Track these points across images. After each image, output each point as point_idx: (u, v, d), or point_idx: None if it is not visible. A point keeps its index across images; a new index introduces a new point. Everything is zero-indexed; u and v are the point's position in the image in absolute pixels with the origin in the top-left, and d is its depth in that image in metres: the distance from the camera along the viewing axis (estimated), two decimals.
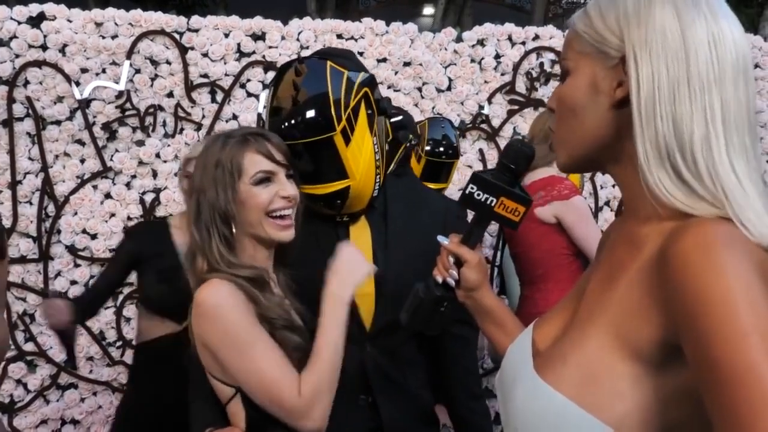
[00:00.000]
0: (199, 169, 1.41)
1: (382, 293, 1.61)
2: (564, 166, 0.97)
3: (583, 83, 0.89)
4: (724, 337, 0.67)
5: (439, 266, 1.24)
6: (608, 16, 0.86)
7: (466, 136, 3.91)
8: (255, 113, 3.71)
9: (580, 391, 0.81)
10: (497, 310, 1.24)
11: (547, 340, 0.96)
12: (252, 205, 1.38)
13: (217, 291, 1.31)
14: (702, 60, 0.79)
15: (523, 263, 2.69)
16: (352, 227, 1.66)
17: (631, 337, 0.79)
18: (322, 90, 1.47)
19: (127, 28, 3.61)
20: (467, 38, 3.92)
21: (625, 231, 0.91)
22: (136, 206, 3.63)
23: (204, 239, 1.37)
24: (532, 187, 2.57)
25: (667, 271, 0.74)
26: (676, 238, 0.74)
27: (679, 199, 0.79)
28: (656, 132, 0.79)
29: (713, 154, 0.78)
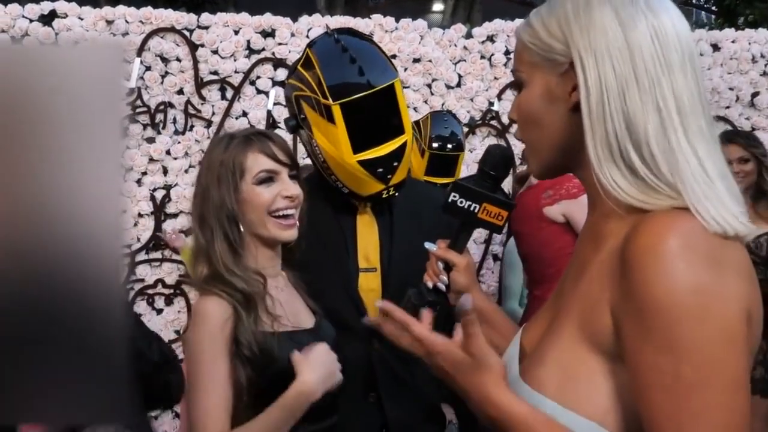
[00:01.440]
0: (204, 170, 1.43)
1: (388, 289, 1.61)
2: (536, 173, 0.99)
3: (538, 93, 0.90)
4: (657, 345, 0.71)
5: (429, 272, 1.25)
6: (550, 24, 0.87)
7: (476, 132, 3.91)
8: (264, 110, 3.72)
9: (559, 390, 0.83)
10: (489, 312, 1.25)
11: (532, 343, 0.97)
12: (255, 204, 1.39)
13: (206, 305, 1.35)
14: (647, 55, 0.80)
15: (533, 263, 2.67)
16: (359, 222, 1.66)
17: (592, 330, 0.81)
18: (371, 46, 1.58)
19: (137, 25, 3.62)
20: (477, 34, 3.91)
21: (590, 228, 0.93)
22: (146, 203, 3.65)
23: (208, 240, 1.38)
24: (539, 186, 2.56)
25: (623, 267, 0.76)
26: (633, 234, 0.76)
27: (633, 196, 0.80)
28: (606, 132, 0.81)
29: (671, 144, 0.79)
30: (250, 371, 1.32)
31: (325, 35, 1.61)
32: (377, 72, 1.52)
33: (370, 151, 1.52)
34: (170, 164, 3.68)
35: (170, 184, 3.69)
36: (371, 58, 1.54)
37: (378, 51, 1.59)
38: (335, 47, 1.55)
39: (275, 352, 1.33)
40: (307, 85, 1.55)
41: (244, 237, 1.41)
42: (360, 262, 1.63)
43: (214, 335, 1.31)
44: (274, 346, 1.33)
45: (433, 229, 1.66)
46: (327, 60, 1.54)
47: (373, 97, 1.50)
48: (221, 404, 1.31)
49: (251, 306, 1.35)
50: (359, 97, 1.48)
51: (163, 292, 3.69)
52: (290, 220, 1.42)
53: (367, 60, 1.52)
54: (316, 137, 1.55)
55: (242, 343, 1.32)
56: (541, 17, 0.89)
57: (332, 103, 1.48)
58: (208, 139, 3.68)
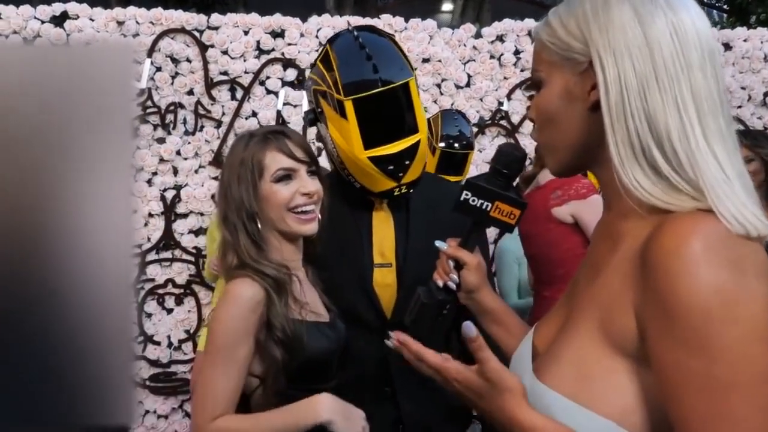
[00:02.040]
0: (226, 169, 1.46)
1: (404, 284, 1.61)
2: (554, 172, 0.98)
3: (556, 92, 0.90)
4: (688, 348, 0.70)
5: (439, 270, 1.24)
6: (569, 23, 0.87)
7: (486, 132, 3.90)
8: (274, 110, 3.73)
9: (575, 389, 0.82)
10: (499, 310, 1.25)
11: (545, 342, 0.97)
12: (274, 202, 1.41)
13: (240, 287, 1.34)
14: (666, 52, 0.80)
15: (541, 264, 2.66)
16: (374, 218, 1.66)
17: (613, 332, 0.80)
18: (389, 43, 1.58)
19: (148, 26, 3.64)
20: (486, 34, 3.90)
21: (606, 227, 0.92)
22: (156, 203, 3.67)
23: (233, 235, 1.40)
24: (548, 186, 2.55)
25: (645, 269, 0.76)
26: (656, 235, 0.76)
27: (656, 197, 0.79)
28: (628, 130, 0.80)
29: (690, 144, 0.78)
30: (285, 354, 1.33)
31: (345, 32, 1.62)
32: (392, 70, 1.52)
33: (381, 148, 1.52)
34: (180, 164, 3.69)
35: (180, 184, 3.70)
36: (387, 56, 1.55)
37: (396, 49, 1.59)
38: (353, 44, 1.55)
39: (305, 339, 1.34)
40: (323, 80, 1.56)
41: (266, 233, 1.43)
42: (375, 257, 1.63)
43: (245, 316, 1.32)
44: (303, 333, 1.35)
45: (449, 225, 1.66)
46: (344, 56, 1.55)
47: (385, 95, 1.50)
48: (231, 387, 1.32)
49: (282, 291, 1.36)
50: (371, 94, 1.49)
51: (173, 292, 3.71)
52: (310, 215, 1.43)
53: (383, 57, 1.53)
54: (331, 132, 1.56)
55: (276, 326, 1.33)
56: (560, 16, 0.89)
57: (344, 98, 1.49)
58: (218, 140, 3.70)
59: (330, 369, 1.43)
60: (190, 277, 3.71)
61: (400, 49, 1.60)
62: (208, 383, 1.31)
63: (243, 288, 1.34)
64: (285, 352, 1.33)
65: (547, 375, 0.87)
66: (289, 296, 1.39)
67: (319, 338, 1.39)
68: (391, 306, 1.62)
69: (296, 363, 1.34)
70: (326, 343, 1.40)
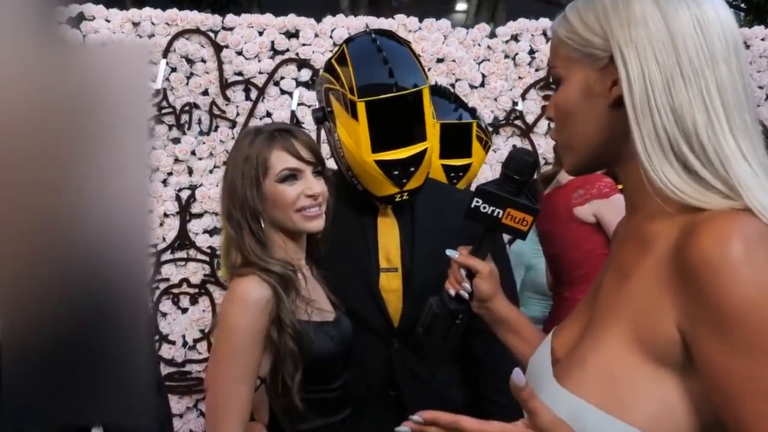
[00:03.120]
0: (230, 165, 1.44)
1: (410, 289, 1.61)
2: (572, 170, 0.96)
3: (576, 89, 0.88)
4: (746, 353, 0.67)
5: (451, 279, 1.23)
6: (588, 17, 0.85)
7: (500, 132, 3.88)
8: (288, 110, 3.73)
9: (602, 395, 0.80)
10: (513, 318, 1.23)
11: (565, 347, 0.95)
12: (279, 203, 1.39)
13: (246, 287, 1.33)
14: (690, 45, 0.78)
15: (561, 264, 2.63)
16: (380, 222, 1.66)
17: (647, 336, 0.78)
18: (406, 50, 1.58)
19: (163, 27, 3.66)
20: (501, 34, 3.88)
21: (632, 229, 0.89)
22: (172, 203, 3.69)
23: (237, 233, 1.39)
24: (569, 185, 2.53)
25: (685, 272, 0.73)
26: (691, 237, 0.73)
27: (688, 194, 0.77)
28: (655, 126, 0.78)
29: (719, 139, 0.76)
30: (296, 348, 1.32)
31: (364, 33, 1.62)
32: (407, 76, 1.52)
33: (388, 152, 1.52)
34: (195, 164, 3.71)
35: (195, 184, 3.72)
36: (404, 62, 1.55)
37: (413, 57, 1.59)
38: (371, 46, 1.56)
39: (311, 340, 1.34)
40: (337, 79, 1.56)
41: (269, 232, 1.41)
42: (381, 262, 1.63)
43: (256, 319, 1.31)
44: (309, 334, 1.34)
45: (455, 231, 1.65)
46: (361, 58, 1.56)
47: (398, 100, 1.50)
48: (250, 392, 1.31)
49: (289, 288, 1.35)
50: (385, 98, 1.48)
51: (188, 292, 3.72)
52: (316, 210, 1.42)
53: (399, 63, 1.53)
54: (339, 131, 1.56)
55: (286, 323, 1.32)
56: (578, 11, 0.87)
57: (358, 99, 1.49)
58: (233, 140, 3.70)
59: (334, 370, 1.41)
60: (205, 276, 3.72)
61: (416, 57, 1.60)
62: (228, 392, 1.29)
63: (250, 288, 1.32)
64: (297, 347, 1.32)
65: (570, 380, 0.85)
66: (296, 294, 1.37)
67: (324, 339, 1.37)
68: (398, 311, 1.62)
69: (305, 363, 1.33)
70: (330, 344, 1.39)
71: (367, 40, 1.59)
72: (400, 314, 1.62)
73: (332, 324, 1.44)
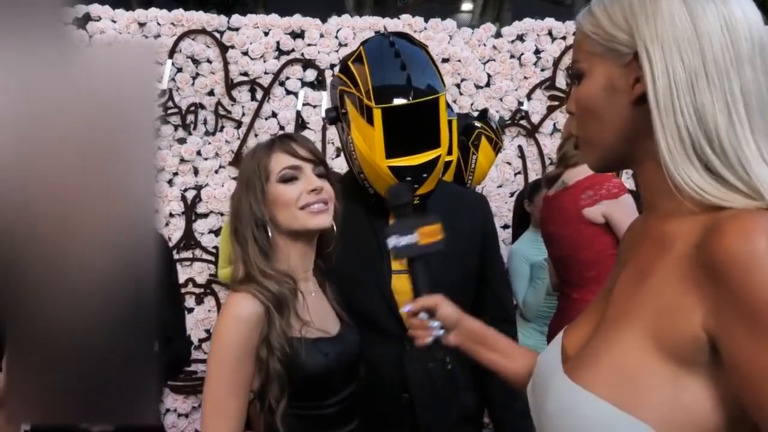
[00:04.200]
0: (238, 181, 1.45)
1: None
2: (594, 167, 0.95)
3: (599, 84, 0.87)
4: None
5: (418, 333, 1.23)
6: (614, 13, 0.84)
7: (506, 132, 3.88)
8: (294, 110, 3.74)
9: (616, 392, 0.79)
10: (488, 334, 1.24)
11: (576, 345, 0.94)
12: (282, 202, 1.38)
13: (238, 303, 1.34)
14: (717, 46, 0.77)
15: (570, 265, 2.61)
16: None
17: (668, 336, 0.77)
18: (424, 56, 1.56)
19: (169, 27, 3.67)
20: (506, 34, 3.88)
21: (649, 229, 0.88)
22: (177, 203, 3.70)
23: (243, 248, 1.39)
24: (577, 186, 2.50)
25: (711, 271, 0.72)
26: (715, 234, 0.72)
27: (710, 194, 0.76)
28: (677, 126, 0.77)
29: (741, 142, 0.76)
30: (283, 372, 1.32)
31: (381, 36, 1.61)
32: (425, 83, 1.51)
33: (402, 158, 1.51)
34: (201, 165, 3.72)
35: (201, 184, 3.73)
36: (422, 68, 1.53)
37: (430, 62, 1.57)
38: (389, 50, 1.54)
39: (301, 358, 1.33)
40: (353, 81, 1.55)
41: (276, 239, 1.41)
42: (393, 263, 1.63)
43: (247, 336, 1.31)
44: (300, 351, 1.33)
45: (465, 232, 1.65)
46: (378, 62, 1.54)
47: (415, 108, 1.49)
48: (242, 406, 1.31)
49: (283, 309, 1.35)
50: (402, 105, 1.48)
51: (193, 291, 3.73)
52: (320, 205, 1.40)
53: (417, 69, 1.51)
54: (353, 135, 1.55)
55: (275, 347, 1.32)
56: (604, 6, 0.86)
57: (374, 105, 1.48)
58: (238, 140, 3.72)
59: (329, 387, 1.40)
60: (211, 276, 3.73)
61: (433, 62, 1.58)
62: (220, 405, 1.30)
63: (242, 305, 1.33)
64: (284, 370, 1.32)
65: (583, 377, 0.84)
66: (290, 312, 1.37)
67: (317, 357, 1.36)
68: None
69: (293, 382, 1.33)
70: (323, 361, 1.37)
71: (385, 43, 1.57)
72: None
73: (329, 340, 1.42)
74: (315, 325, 1.39)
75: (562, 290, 2.73)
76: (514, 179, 3.91)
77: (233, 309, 1.34)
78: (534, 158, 3.92)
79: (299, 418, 1.33)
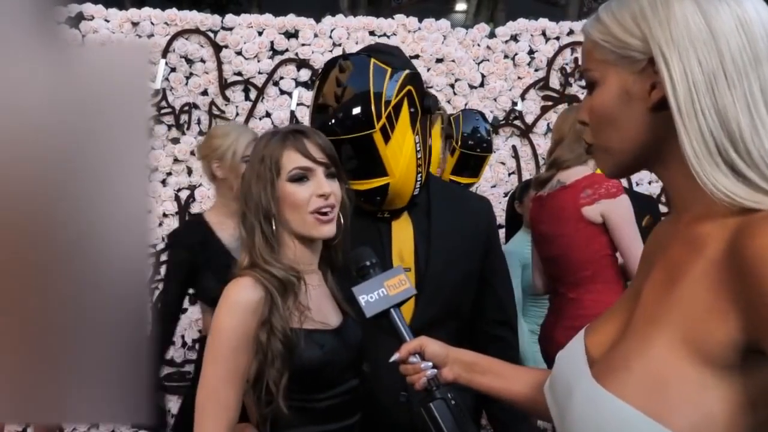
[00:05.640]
0: (248, 166, 1.44)
1: (423, 290, 1.61)
2: (612, 174, 0.94)
3: (613, 93, 0.85)
4: None
5: (414, 378, 1.24)
6: (624, 19, 0.82)
7: (500, 132, 3.89)
8: (288, 110, 3.74)
9: (648, 400, 0.77)
10: (478, 359, 1.25)
11: (601, 347, 0.92)
12: (291, 203, 1.39)
13: (238, 289, 1.33)
14: (734, 46, 0.76)
15: (566, 265, 2.61)
16: (394, 223, 1.67)
17: (701, 340, 0.75)
18: (364, 87, 1.51)
19: (162, 27, 3.66)
20: (500, 34, 3.89)
21: (679, 231, 0.86)
22: (171, 203, 3.69)
23: (249, 235, 1.39)
24: (575, 185, 2.50)
25: (745, 272, 0.71)
26: (748, 236, 0.71)
27: (742, 197, 0.75)
28: (701, 130, 0.76)
29: (764, 142, 0.75)
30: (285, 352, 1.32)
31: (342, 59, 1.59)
32: (356, 118, 1.50)
33: (353, 182, 1.54)
34: (194, 165, 3.71)
35: (194, 184, 3.72)
36: (358, 101, 1.51)
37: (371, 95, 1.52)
38: (333, 78, 1.54)
39: (298, 348, 1.33)
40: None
41: (281, 233, 1.41)
42: (394, 262, 1.63)
43: (244, 321, 1.30)
44: (297, 341, 1.33)
45: (469, 234, 1.66)
46: (320, 89, 1.57)
47: (347, 141, 1.51)
48: (238, 395, 1.31)
49: (287, 293, 1.35)
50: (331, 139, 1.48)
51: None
52: (327, 216, 1.41)
53: (353, 102, 1.50)
54: None
55: (277, 328, 1.32)
56: (612, 12, 0.84)
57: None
58: None
59: (323, 380, 1.39)
60: None
61: (390, 86, 1.54)
62: (215, 393, 1.29)
63: (241, 290, 1.33)
64: (285, 351, 1.32)
65: (613, 383, 0.82)
66: (293, 300, 1.37)
67: (313, 348, 1.36)
68: (410, 311, 1.62)
69: (289, 372, 1.33)
70: (318, 353, 1.37)
71: (336, 69, 1.56)
72: (413, 314, 1.61)
73: (327, 333, 1.41)
74: (314, 317, 1.39)
75: (555, 290, 2.72)
76: (508, 179, 3.91)
77: (232, 296, 1.33)
78: (528, 158, 3.93)
79: (293, 409, 1.33)
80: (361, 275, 1.29)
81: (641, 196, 3.25)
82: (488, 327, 1.74)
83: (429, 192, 1.70)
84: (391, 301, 1.26)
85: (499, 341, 1.72)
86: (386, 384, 1.48)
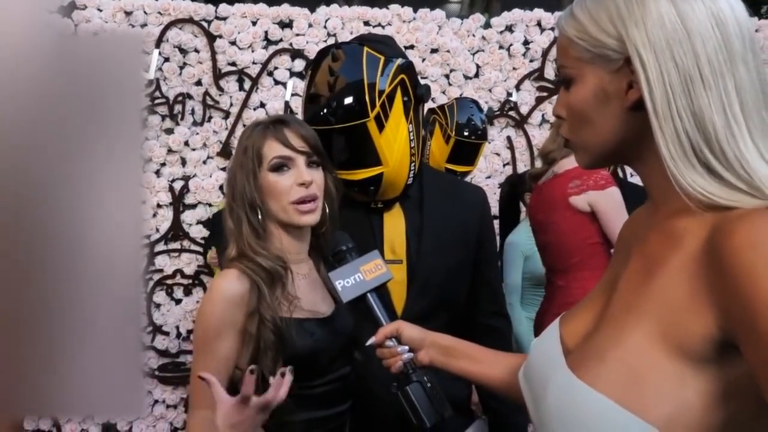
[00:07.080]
0: (233, 157, 1.46)
1: (414, 281, 1.61)
2: (587, 166, 0.94)
3: (590, 91, 0.85)
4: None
5: (390, 361, 1.25)
6: (600, 17, 0.82)
7: (494, 123, 3.88)
8: (282, 101, 3.72)
9: (622, 391, 0.78)
10: (456, 344, 1.26)
11: (576, 336, 0.93)
12: (272, 192, 1.40)
13: (222, 281, 1.35)
14: (710, 46, 0.76)
15: (555, 252, 2.65)
16: (386, 214, 1.67)
17: (678, 333, 0.76)
18: (357, 76, 1.50)
19: (156, 16, 3.64)
20: (495, 24, 3.88)
21: (657, 222, 0.87)
22: (165, 194, 3.68)
23: (236, 225, 1.40)
24: (566, 175, 2.54)
25: (721, 270, 0.71)
26: (725, 234, 0.72)
27: (717, 195, 0.75)
28: (677, 130, 0.76)
29: (738, 143, 0.75)
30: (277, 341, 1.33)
31: (334, 47, 1.59)
32: (349, 108, 1.50)
33: (344, 172, 1.54)
34: (189, 155, 3.70)
35: (189, 175, 3.71)
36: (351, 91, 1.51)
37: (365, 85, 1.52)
38: (326, 67, 1.54)
39: (286, 337, 1.34)
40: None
41: (267, 223, 1.42)
42: (386, 253, 1.64)
43: (225, 311, 1.32)
44: (287, 331, 1.34)
45: (461, 225, 1.66)
46: (312, 78, 1.57)
47: (340, 131, 1.51)
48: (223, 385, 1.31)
49: (275, 284, 1.36)
50: (324, 129, 1.49)
51: (181, 283, 3.72)
52: (309, 205, 1.41)
53: (346, 92, 1.50)
54: None
55: (266, 318, 1.33)
56: (588, 10, 0.84)
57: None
58: (226, 130, 3.70)
59: (315, 368, 1.40)
60: (199, 267, 3.72)
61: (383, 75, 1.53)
62: (194, 376, 1.32)
63: (226, 282, 1.35)
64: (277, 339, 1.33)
65: (587, 373, 0.82)
66: (281, 290, 1.38)
67: (304, 337, 1.37)
68: (402, 302, 1.62)
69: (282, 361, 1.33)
70: (309, 341, 1.37)
71: (328, 57, 1.56)
72: (404, 305, 1.62)
73: (317, 321, 1.42)
74: (303, 306, 1.40)
75: (548, 278, 2.76)
76: (503, 170, 3.91)
77: (215, 287, 1.36)
78: (523, 149, 3.93)
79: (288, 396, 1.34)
80: (338, 260, 1.30)
81: (636, 187, 3.27)
82: (483, 318, 1.75)
83: (422, 183, 1.70)
84: (367, 286, 1.26)
85: (494, 332, 1.73)
86: (378, 373, 1.48)
